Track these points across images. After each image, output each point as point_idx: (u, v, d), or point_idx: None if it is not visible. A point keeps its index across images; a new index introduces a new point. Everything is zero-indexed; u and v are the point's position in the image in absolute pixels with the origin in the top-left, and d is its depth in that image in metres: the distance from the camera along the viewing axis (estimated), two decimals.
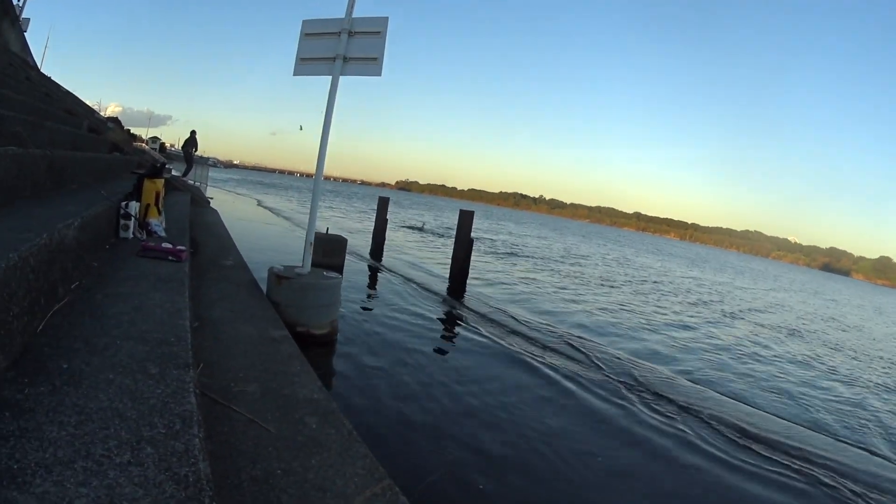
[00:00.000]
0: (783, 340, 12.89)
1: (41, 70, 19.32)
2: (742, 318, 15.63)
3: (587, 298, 13.68)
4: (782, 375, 8.86)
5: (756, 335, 12.81)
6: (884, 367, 11.98)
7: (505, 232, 41.22)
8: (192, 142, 17.53)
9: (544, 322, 9.49)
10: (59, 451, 1.22)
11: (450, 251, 12.69)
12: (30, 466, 1.15)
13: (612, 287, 17.45)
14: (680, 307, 15.45)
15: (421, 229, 28.26)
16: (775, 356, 10.53)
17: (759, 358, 9.99)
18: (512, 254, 23.36)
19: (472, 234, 12.15)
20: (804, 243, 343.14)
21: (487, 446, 4.13)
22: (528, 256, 23.47)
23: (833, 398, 7.98)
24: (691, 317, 13.87)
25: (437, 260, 16.19)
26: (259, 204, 27.97)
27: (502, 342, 7.46)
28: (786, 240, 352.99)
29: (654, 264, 34.99)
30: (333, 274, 6.03)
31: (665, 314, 13.44)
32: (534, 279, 15.89)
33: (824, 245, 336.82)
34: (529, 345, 7.61)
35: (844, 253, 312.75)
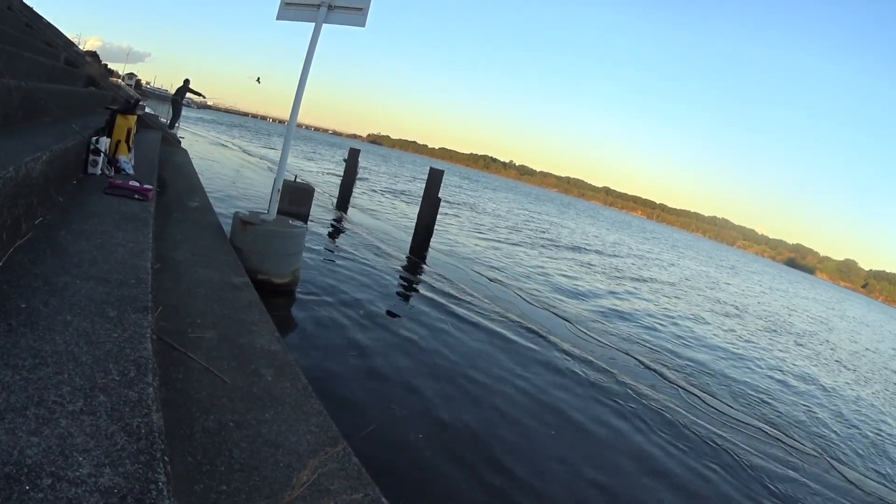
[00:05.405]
0: None
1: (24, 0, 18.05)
2: None
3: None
4: None
5: None
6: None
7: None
8: (182, 90, 16.60)
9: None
10: (13, 397, 1.21)
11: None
12: None
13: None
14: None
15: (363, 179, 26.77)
16: None
17: None
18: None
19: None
20: (771, 236, 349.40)
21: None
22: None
23: None
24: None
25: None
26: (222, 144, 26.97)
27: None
28: (752, 230, 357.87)
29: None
30: (298, 223, 5.96)
31: None
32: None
33: (791, 241, 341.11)
34: (481, 317, 7.77)
35: (810, 251, 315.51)
